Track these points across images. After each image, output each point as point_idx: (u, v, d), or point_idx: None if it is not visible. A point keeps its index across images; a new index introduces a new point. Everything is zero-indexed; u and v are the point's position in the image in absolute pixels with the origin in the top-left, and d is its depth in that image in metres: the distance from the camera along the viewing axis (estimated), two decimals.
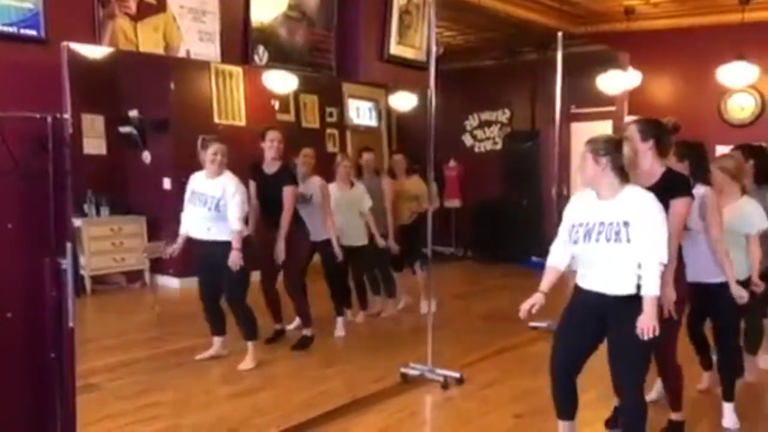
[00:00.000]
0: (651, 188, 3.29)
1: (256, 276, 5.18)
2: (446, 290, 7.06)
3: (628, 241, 3.08)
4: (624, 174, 3.17)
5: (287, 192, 5.12)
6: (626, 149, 3.19)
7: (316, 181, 5.51)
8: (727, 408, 4.09)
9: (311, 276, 5.64)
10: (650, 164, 3.49)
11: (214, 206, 4.62)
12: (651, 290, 3.08)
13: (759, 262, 4.11)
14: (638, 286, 3.12)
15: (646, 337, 3.07)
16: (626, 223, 3.09)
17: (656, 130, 3.53)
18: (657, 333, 3.07)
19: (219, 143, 4.66)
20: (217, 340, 4.94)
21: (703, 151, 3.98)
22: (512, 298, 7.44)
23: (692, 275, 3.68)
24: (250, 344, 4.87)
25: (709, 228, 3.75)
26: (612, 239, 3.11)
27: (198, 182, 4.71)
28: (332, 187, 5.73)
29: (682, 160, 3.79)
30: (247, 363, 4.83)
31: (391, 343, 5.65)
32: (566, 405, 3.47)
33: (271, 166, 5.15)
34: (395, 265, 6.54)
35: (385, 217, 6.16)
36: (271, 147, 5.08)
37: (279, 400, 4.30)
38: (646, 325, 3.06)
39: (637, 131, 3.51)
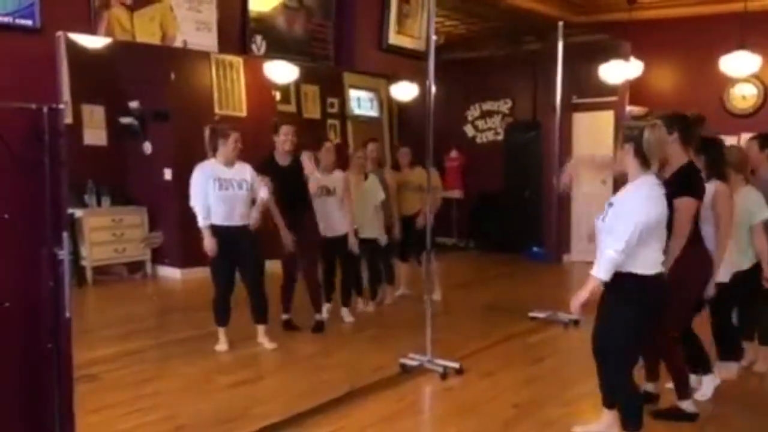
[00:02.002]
0: (668, 179, 3.45)
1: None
2: (447, 281, 7.06)
3: (604, 221, 3.25)
4: (645, 161, 3.21)
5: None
6: (647, 135, 3.21)
7: (339, 174, 5.64)
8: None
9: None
10: (675, 156, 3.60)
11: (248, 188, 4.87)
12: (594, 271, 3.19)
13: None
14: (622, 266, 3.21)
15: (572, 311, 3.25)
16: (611, 205, 3.26)
17: (680, 123, 3.66)
18: (576, 311, 3.24)
19: (237, 131, 4.85)
20: (225, 331, 4.99)
21: (717, 147, 4.08)
22: (513, 289, 7.59)
23: None
24: (263, 327, 5.04)
25: (718, 220, 3.83)
26: (601, 218, 3.29)
27: (219, 170, 4.81)
28: None
29: (698, 155, 3.88)
30: (272, 343, 5.04)
31: (390, 333, 5.66)
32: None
33: (284, 159, 5.27)
34: (401, 256, 6.59)
35: (389, 208, 6.20)
36: (285, 141, 5.21)
37: (278, 390, 4.32)
38: (575, 302, 3.22)
39: (662, 125, 3.58)
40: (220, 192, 4.79)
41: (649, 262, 3.22)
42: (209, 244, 4.75)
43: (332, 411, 4.02)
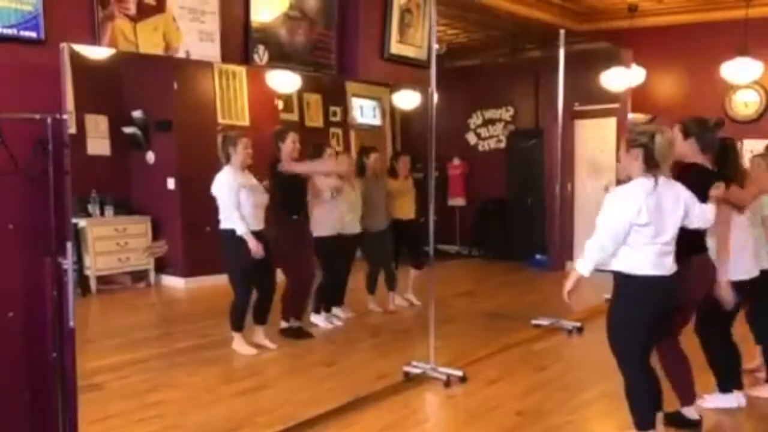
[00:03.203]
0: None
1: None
2: (450, 288, 7.07)
3: None
4: (653, 165, 3.27)
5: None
6: (659, 140, 3.27)
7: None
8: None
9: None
10: (692, 159, 3.67)
11: (265, 192, 5.02)
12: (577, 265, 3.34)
13: None
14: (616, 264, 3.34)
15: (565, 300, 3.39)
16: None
17: (697, 128, 3.69)
18: (566, 299, 3.38)
19: (246, 137, 4.95)
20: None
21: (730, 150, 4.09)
22: (516, 296, 7.58)
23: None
24: (263, 328, 5.14)
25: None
26: None
27: (241, 177, 4.89)
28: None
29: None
30: (273, 343, 5.16)
31: (394, 341, 5.66)
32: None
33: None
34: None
35: (387, 216, 6.24)
36: (293, 149, 5.27)
37: (282, 398, 4.30)
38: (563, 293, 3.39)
39: (679, 130, 3.68)
40: (254, 198, 4.91)
41: (634, 262, 3.29)
42: (257, 246, 4.83)
43: (336, 419, 4.01)
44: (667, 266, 3.33)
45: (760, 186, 4.09)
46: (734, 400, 4.15)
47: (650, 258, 3.28)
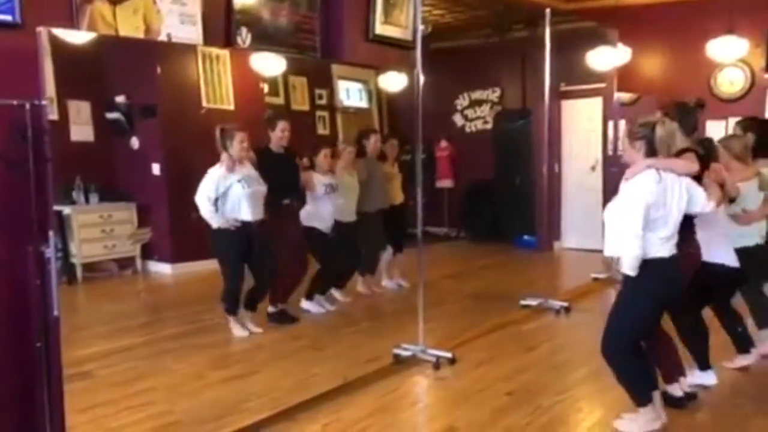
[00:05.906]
0: None
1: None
2: (439, 270, 7.06)
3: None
4: (653, 155, 3.37)
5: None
6: (659, 131, 3.37)
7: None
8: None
9: None
10: (678, 143, 3.67)
11: (263, 183, 5.02)
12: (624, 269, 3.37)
13: None
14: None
15: None
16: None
17: (679, 114, 3.76)
18: None
19: (242, 131, 4.91)
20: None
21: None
22: (504, 277, 7.60)
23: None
24: (251, 314, 5.20)
25: None
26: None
27: (237, 171, 4.89)
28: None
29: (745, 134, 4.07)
30: (258, 327, 5.20)
31: (383, 324, 5.67)
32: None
33: (279, 149, 5.35)
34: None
35: (385, 197, 6.24)
36: (282, 137, 5.28)
37: (271, 384, 4.29)
38: None
39: (670, 120, 3.67)
40: (249, 190, 4.90)
41: (649, 247, 3.36)
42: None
43: (326, 404, 4.01)
44: (672, 250, 3.42)
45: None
46: (713, 376, 4.23)
47: (661, 242, 3.36)
